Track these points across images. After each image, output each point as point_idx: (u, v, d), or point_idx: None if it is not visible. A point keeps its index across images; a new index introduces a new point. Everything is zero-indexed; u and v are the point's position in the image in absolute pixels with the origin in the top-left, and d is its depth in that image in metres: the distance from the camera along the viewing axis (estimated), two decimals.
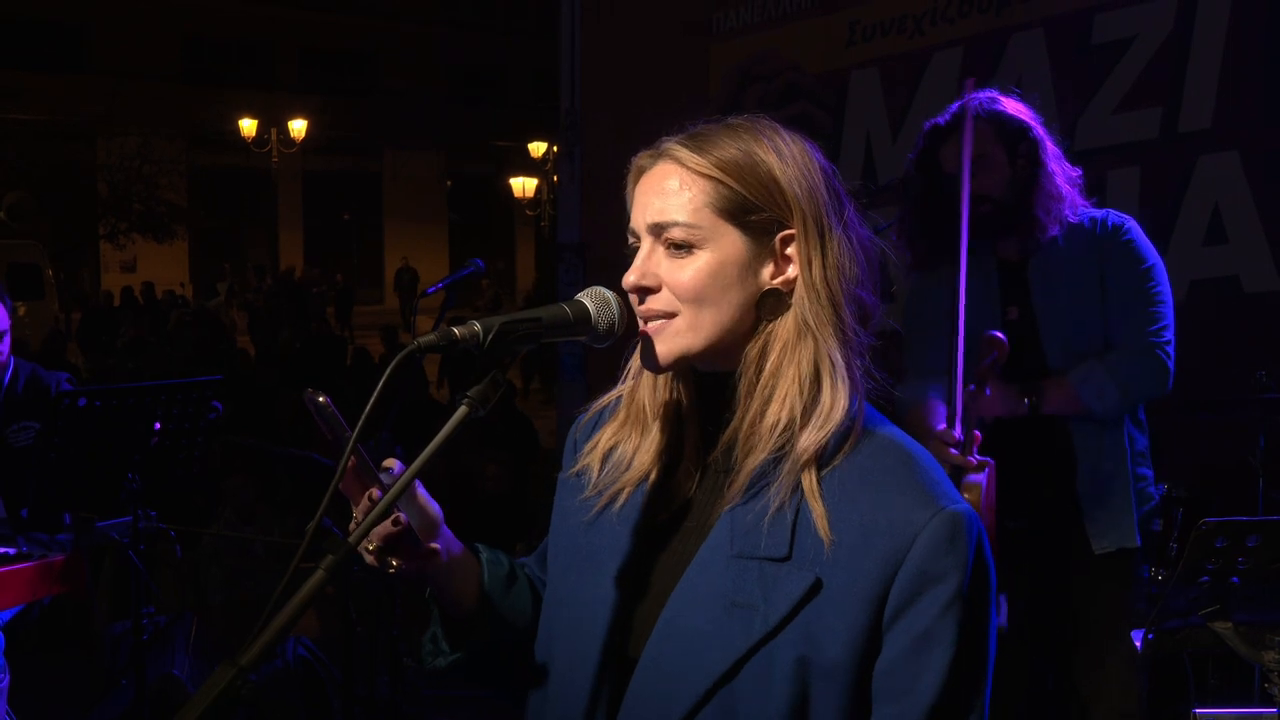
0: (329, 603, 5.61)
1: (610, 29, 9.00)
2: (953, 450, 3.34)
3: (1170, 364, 3.60)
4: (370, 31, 34.47)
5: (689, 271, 1.65)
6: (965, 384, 3.44)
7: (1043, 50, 6.29)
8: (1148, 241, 3.68)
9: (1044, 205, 3.62)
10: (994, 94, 3.72)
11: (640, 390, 1.77)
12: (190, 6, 31.83)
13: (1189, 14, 5.76)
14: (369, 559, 1.68)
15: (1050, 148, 3.67)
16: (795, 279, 1.65)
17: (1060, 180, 3.65)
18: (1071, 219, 3.66)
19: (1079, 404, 3.59)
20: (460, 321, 1.62)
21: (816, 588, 1.57)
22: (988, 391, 3.50)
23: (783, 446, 1.62)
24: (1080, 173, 3.75)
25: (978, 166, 3.60)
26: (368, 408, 1.51)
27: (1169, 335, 3.61)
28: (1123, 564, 3.67)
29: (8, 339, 4.84)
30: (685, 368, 1.72)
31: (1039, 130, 3.67)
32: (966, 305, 3.73)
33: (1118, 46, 5.98)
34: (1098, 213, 3.71)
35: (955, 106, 3.70)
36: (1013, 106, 3.70)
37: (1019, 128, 3.66)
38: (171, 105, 30.45)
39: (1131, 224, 3.69)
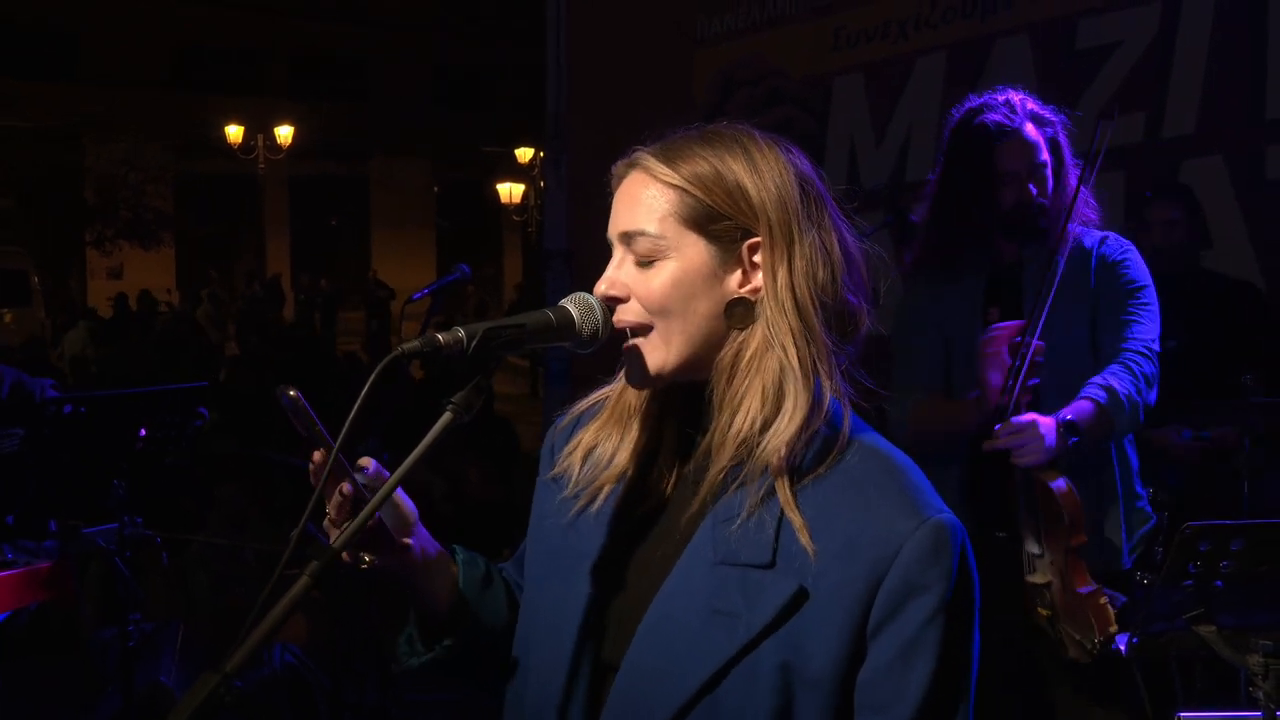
0: (318, 609, 5.60)
1: (596, 34, 9.01)
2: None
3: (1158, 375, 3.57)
4: (357, 38, 34.42)
5: (654, 282, 1.66)
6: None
7: (1027, 55, 6.32)
8: (1144, 266, 3.66)
9: (1070, 214, 3.58)
10: (1026, 95, 3.67)
11: (628, 391, 1.78)
12: (178, 14, 31.76)
13: (1173, 19, 5.79)
14: (343, 554, 1.68)
15: (1069, 156, 3.64)
16: (762, 287, 1.65)
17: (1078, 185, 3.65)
18: (1076, 228, 3.62)
19: (1107, 425, 3.46)
20: (446, 327, 1.62)
21: (801, 596, 1.57)
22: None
23: (746, 456, 1.63)
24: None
25: (1036, 171, 3.58)
26: (352, 413, 1.51)
27: (1158, 348, 3.59)
28: (1109, 583, 3.60)
29: None
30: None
31: (1064, 136, 3.65)
32: (950, 305, 3.72)
33: (1102, 51, 6.01)
34: (1097, 234, 3.67)
35: (999, 102, 3.64)
36: (1043, 110, 3.67)
37: (1054, 135, 3.63)
38: (159, 112, 30.37)
39: (1131, 250, 3.66)
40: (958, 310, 3.74)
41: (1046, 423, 3.31)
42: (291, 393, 1.57)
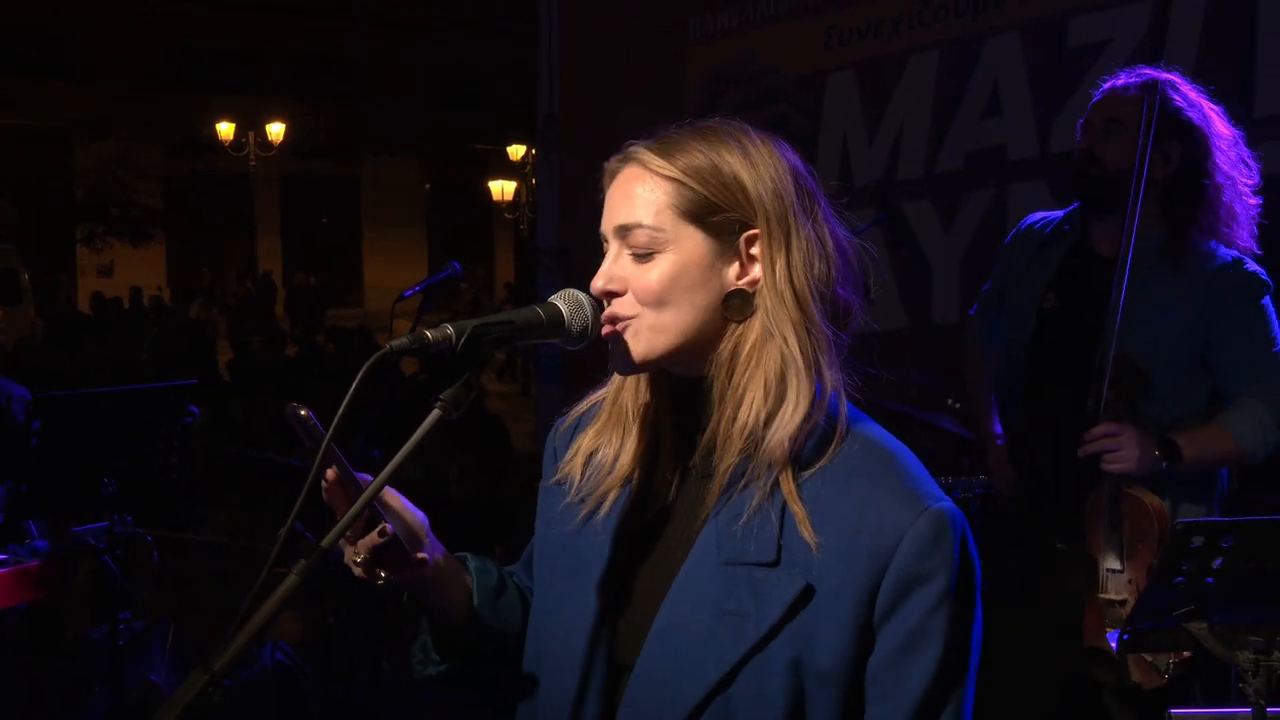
0: (311, 607, 5.60)
1: (588, 32, 9.00)
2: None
3: None
4: (348, 36, 34.35)
5: (652, 274, 1.65)
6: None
7: (1019, 53, 6.31)
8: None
9: (1200, 217, 3.42)
10: (1176, 79, 3.49)
11: (623, 393, 1.77)
12: (169, 13, 31.68)
13: (1163, 17, 5.79)
14: (357, 571, 1.66)
15: (1222, 158, 3.44)
16: (760, 279, 1.65)
17: (1225, 197, 3.44)
18: (1221, 248, 3.43)
19: (1233, 449, 3.35)
20: (435, 324, 1.62)
21: (807, 593, 1.58)
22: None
23: (753, 450, 1.62)
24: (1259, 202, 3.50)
25: (1114, 132, 3.47)
26: (339, 412, 1.50)
27: None
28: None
29: None
30: (660, 371, 1.72)
31: (1215, 136, 3.45)
32: (1030, 273, 3.72)
33: (1093, 49, 6.00)
34: (1230, 253, 3.44)
35: (1134, 81, 3.50)
36: (1188, 101, 3.47)
37: (1184, 123, 3.43)
38: (150, 110, 30.28)
39: (1264, 281, 3.44)
40: (1024, 283, 3.77)
41: (1142, 436, 3.23)
42: (302, 412, 1.56)
